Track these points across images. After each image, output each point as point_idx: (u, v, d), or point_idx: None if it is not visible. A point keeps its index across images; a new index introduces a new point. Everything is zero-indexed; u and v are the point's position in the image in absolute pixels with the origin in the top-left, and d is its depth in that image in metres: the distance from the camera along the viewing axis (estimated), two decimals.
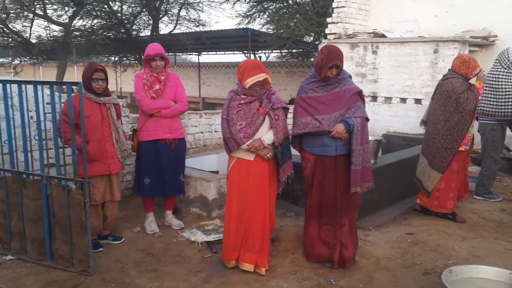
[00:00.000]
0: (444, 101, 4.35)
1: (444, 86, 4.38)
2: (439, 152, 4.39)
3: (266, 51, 20.87)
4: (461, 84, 4.29)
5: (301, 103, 3.38)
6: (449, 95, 4.30)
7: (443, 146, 4.35)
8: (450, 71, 4.51)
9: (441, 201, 4.53)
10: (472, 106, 4.25)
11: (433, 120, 4.47)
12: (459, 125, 4.27)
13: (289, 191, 4.76)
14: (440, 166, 4.40)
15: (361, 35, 7.96)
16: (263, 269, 3.35)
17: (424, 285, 3.16)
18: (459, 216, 4.55)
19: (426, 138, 4.61)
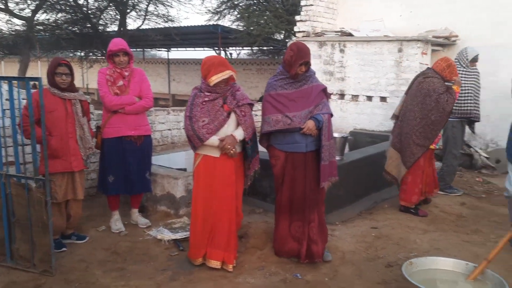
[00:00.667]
0: (423, 99, 4.42)
1: (424, 84, 4.45)
2: (409, 148, 4.50)
3: (236, 48, 20.85)
4: (442, 85, 4.41)
5: (271, 100, 3.39)
6: (429, 94, 4.38)
7: (415, 143, 4.45)
8: (431, 70, 4.59)
9: (407, 195, 4.66)
10: (450, 108, 4.37)
11: (409, 117, 4.53)
12: (435, 124, 4.39)
13: (257, 187, 4.79)
14: (407, 161, 4.52)
15: (329, 33, 8.06)
16: (230, 266, 3.36)
17: (387, 277, 3.25)
18: (421, 210, 4.69)
19: (399, 132, 4.67)
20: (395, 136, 4.73)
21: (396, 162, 4.70)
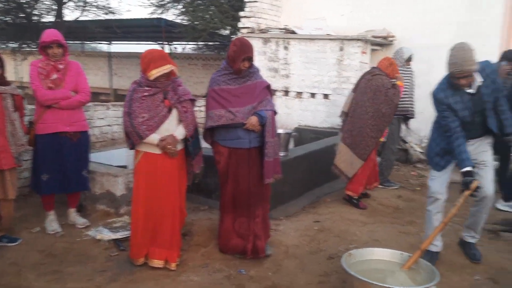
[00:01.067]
0: (373, 94, 4.69)
1: (373, 81, 4.74)
2: (365, 141, 4.71)
3: (181, 43, 20.49)
4: (388, 81, 4.76)
5: (214, 95, 3.35)
6: (378, 89, 4.68)
7: (369, 136, 4.69)
8: (376, 68, 4.90)
9: (355, 185, 4.86)
10: (397, 100, 4.76)
11: (360, 112, 4.75)
12: (386, 116, 4.68)
13: (202, 184, 4.73)
14: (364, 154, 4.74)
15: (273, 30, 8.13)
16: (173, 265, 3.29)
17: (328, 269, 3.34)
18: (362, 202, 4.87)
19: (349, 128, 4.84)
20: (345, 132, 4.90)
21: (345, 157, 4.87)
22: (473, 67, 2.99)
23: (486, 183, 3.27)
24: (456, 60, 2.97)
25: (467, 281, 3.18)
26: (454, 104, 3.17)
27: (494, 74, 3.19)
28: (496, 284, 3.14)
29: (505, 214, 4.69)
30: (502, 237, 3.98)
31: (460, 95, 3.16)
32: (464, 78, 3.03)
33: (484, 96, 3.15)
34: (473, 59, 2.97)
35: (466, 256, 3.52)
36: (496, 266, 3.39)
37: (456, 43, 3.07)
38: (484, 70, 3.16)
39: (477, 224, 3.45)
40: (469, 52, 2.97)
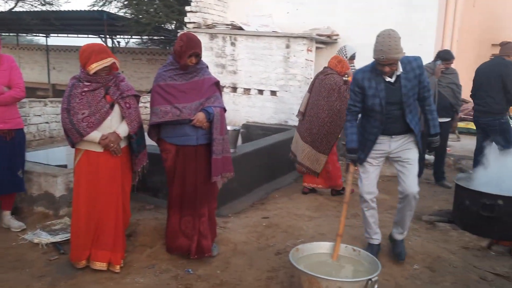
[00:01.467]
0: (328, 93, 4.89)
1: (327, 80, 4.94)
2: (325, 138, 4.91)
3: (125, 37, 19.86)
4: (340, 79, 4.95)
5: (160, 91, 3.25)
6: (332, 88, 4.87)
7: (328, 132, 4.89)
8: (328, 68, 5.08)
9: (333, 180, 5.12)
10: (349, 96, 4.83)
11: (317, 111, 4.95)
12: (341, 112, 4.80)
13: (148, 183, 4.61)
14: (326, 149, 4.94)
15: (220, 26, 8.07)
16: (117, 267, 3.18)
17: (276, 265, 3.36)
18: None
19: (308, 127, 5.03)
20: (305, 131, 5.08)
21: (309, 155, 5.04)
22: (398, 55, 2.99)
23: (409, 181, 3.28)
24: (382, 47, 2.96)
25: (407, 270, 3.33)
26: (368, 89, 3.21)
27: (420, 70, 3.19)
28: (433, 272, 3.32)
29: (440, 206, 4.97)
30: (438, 227, 4.21)
31: (377, 81, 3.17)
32: (388, 66, 3.04)
33: (402, 88, 3.15)
34: (398, 47, 2.97)
35: (392, 254, 3.50)
36: (433, 255, 3.58)
37: (383, 29, 3.06)
38: (411, 63, 3.17)
39: (404, 221, 3.44)
40: (395, 40, 2.97)
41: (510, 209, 3.76)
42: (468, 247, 3.80)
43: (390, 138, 3.32)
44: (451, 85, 5.68)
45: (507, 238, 3.83)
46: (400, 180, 3.36)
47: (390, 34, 2.99)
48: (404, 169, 3.32)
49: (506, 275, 3.31)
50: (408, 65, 3.17)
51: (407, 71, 3.17)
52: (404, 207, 3.36)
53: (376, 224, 3.55)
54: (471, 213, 3.97)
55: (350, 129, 3.36)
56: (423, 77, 3.22)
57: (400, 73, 3.16)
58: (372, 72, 3.21)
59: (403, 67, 3.16)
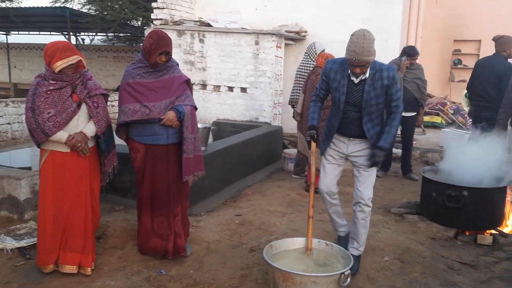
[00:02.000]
0: None
1: (317, 80, 4.94)
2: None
3: (89, 34, 19.34)
4: None
5: (128, 89, 3.17)
6: None
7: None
8: (318, 67, 5.15)
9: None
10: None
11: None
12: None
13: (117, 183, 4.51)
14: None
15: (187, 22, 7.98)
16: (89, 269, 3.10)
17: (250, 262, 3.36)
18: None
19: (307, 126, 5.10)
20: (306, 131, 5.10)
21: (318, 155, 5.03)
22: (370, 58, 2.90)
23: (362, 188, 3.23)
24: (355, 48, 2.86)
25: (378, 262, 3.40)
26: (332, 80, 3.17)
27: (390, 81, 3.04)
28: (403, 263, 3.41)
29: (408, 198, 5.09)
30: (406, 219, 4.32)
31: (342, 76, 3.12)
32: (359, 67, 2.97)
33: (365, 93, 3.06)
34: (371, 50, 2.88)
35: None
36: (403, 246, 3.67)
37: (358, 29, 2.97)
38: (382, 72, 3.04)
39: (358, 234, 3.30)
40: (369, 41, 2.87)
41: (474, 200, 3.90)
42: (436, 238, 3.91)
43: (348, 139, 3.28)
44: (416, 80, 5.82)
45: (472, 227, 3.97)
46: (355, 185, 3.31)
47: (365, 35, 2.89)
48: (360, 175, 3.27)
49: (472, 263, 3.43)
50: (378, 72, 3.05)
51: (375, 78, 3.05)
52: (358, 214, 3.27)
53: (341, 217, 3.54)
54: (438, 204, 4.09)
55: (313, 108, 3.38)
56: (392, 90, 3.08)
57: (365, 78, 3.07)
58: (341, 65, 3.15)
59: (372, 73, 3.05)
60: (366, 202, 3.24)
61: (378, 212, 4.58)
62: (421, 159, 7.05)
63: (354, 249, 3.32)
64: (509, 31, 11.31)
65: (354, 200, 3.32)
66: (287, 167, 6.29)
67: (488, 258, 3.52)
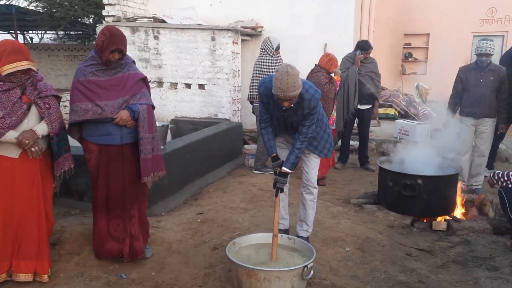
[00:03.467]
0: None
1: (311, 79, 5.04)
2: None
3: (38, 32, 18.50)
4: (325, 77, 5.08)
5: (80, 87, 3.05)
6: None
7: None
8: (317, 66, 5.21)
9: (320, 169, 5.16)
10: (333, 94, 5.09)
11: None
12: (324, 109, 4.84)
13: (72, 186, 4.33)
14: None
15: (141, 19, 7.78)
16: (45, 276, 2.99)
17: (213, 260, 3.33)
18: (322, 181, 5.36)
19: None
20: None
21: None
22: (295, 93, 2.97)
23: (310, 170, 3.49)
24: (280, 85, 2.92)
25: (340, 253, 3.47)
26: (266, 103, 3.29)
27: (310, 110, 3.17)
28: (364, 253, 3.49)
29: (366, 188, 5.23)
30: (365, 209, 4.43)
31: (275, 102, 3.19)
32: (287, 101, 3.03)
33: (288, 118, 3.25)
34: (296, 84, 2.94)
35: None
36: (362, 236, 3.76)
37: (282, 65, 3.00)
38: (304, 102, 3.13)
39: (307, 216, 3.52)
40: (293, 77, 2.91)
41: (428, 188, 4.05)
42: (394, 226, 4.03)
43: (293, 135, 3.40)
44: (371, 74, 5.97)
45: (427, 214, 4.12)
46: (303, 169, 3.55)
47: (288, 71, 2.92)
48: (306, 159, 3.50)
49: (429, 249, 3.57)
50: (301, 102, 3.13)
51: (298, 106, 3.15)
52: (306, 196, 3.51)
53: (286, 210, 3.70)
54: (394, 193, 4.22)
55: (266, 136, 3.40)
56: (311, 117, 3.22)
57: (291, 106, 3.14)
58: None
59: (297, 101, 3.11)
60: (313, 184, 3.49)
61: (338, 203, 4.67)
62: (377, 150, 7.26)
63: (304, 231, 3.55)
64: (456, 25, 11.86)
65: (302, 183, 3.54)
66: (247, 163, 6.28)
67: (443, 243, 3.67)
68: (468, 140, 5.01)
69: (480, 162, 5.04)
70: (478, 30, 11.66)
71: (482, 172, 5.09)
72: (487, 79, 4.82)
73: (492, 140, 5.12)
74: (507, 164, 6.59)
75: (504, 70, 4.91)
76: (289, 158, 3.27)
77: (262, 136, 3.45)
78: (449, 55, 11.84)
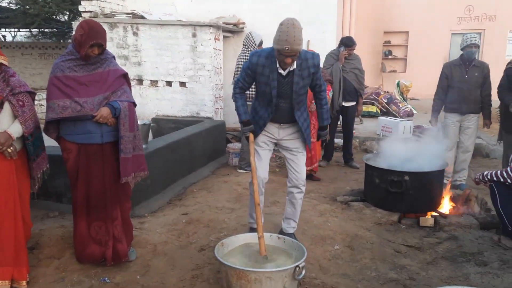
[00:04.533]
0: None
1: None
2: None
3: (11, 30, 17.93)
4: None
5: (57, 83, 2.89)
6: None
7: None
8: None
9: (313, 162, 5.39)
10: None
11: None
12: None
13: (50, 188, 4.16)
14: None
15: (119, 15, 7.59)
16: (24, 282, 2.84)
17: (200, 262, 3.23)
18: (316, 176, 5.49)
19: None
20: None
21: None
22: (301, 46, 2.90)
23: (299, 168, 3.35)
24: (287, 37, 2.82)
25: (329, 251, 3.41)
26: (259, 75, 3.13)
27: (315, 69, 3.12)
28: (353, 250, 3.44)
29: (351, 186, 5.20)
30: (352, 206, 4.39)
31: (270, 70, 3.08)
32: (291, 57, 2.92)
33: (294, 84, 3.09)
34: (301, 38, 2.87)
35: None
36: (351, 233, 3.71)
37: (286, 19, 2.90)
38: (307, 61, 3.08)
39: (296, 213, 3.46)
40: (299, 30, 2.86)
41: (415, 184, 4.04)
42: (381, 223, 4.01)
43: (279, 125, 3.33)
44: (355, 70, 5.95)
45: (414, 211, 4.11)
46: (290, 168, 3.39)
47: (295, 24, 2.87)
48: (295, 157, 3.36)
49: (417, 245, 3.55)
50: (304, 62, 3.08)
51: (302, 68, 3.08)
52: (297, 195, 3.38)
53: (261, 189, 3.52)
54: (381, 190, 4.19)
55: (240, 101, 3.34)
56: (318, 75, 3.19)
57: (293, 69, 3.08)
58: (268, 59, 3.11)
59: (298, 63, 3.06)
60: (304, 182, 3.39)
61: (325, 201, 4.63)
62: (360, 147, 7.26)
63: (291, 228, 3.50)
64: (434, 23, 12.03)
65: (291, 183, 3.39)
66: (231, 161, 6.19)
67: (431, 239, 3.66)
68: (453, 136, 5.04)
69: (465, 157, 5.07)
70: (456, 28, 11.87)
71: (467, 167, 5.13)
72: (472, 75, 4.85)
73: (476, 136, 5.16)
74: (487, 159, 6.68)
75: (488, 66, 4.95)
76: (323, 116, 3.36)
77: (236, 100, 3.34)
78: (428, 52, 12.02)
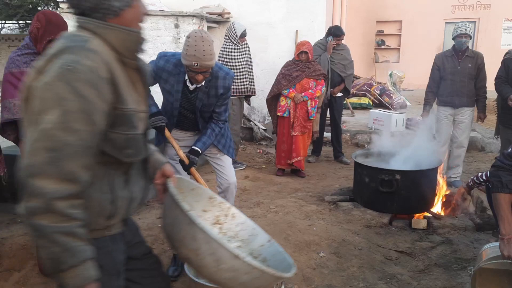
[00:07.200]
0: None
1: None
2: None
3: None
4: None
5: (13, 80, 2.63)
6: None
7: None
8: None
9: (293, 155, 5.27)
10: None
11: None
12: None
13: (18, 190, 3.87)
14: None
15: None
16: None
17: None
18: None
19: None
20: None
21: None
22: (212, 62, 2.60)
23: (227, 171, 3.13)
24: (195, 52, 2.51)
25: (314, 259, 3.15)
26: (164, 82, 2.84)
27: (225, 91, 2.83)
28: (340, 258, 3.18)
29: (341, 183, 4.95)
30: (340, 207, 4.13)
31: (177, 81, 2.80)
32: (201, 74, 2.64)
33: (197, 100, 2.83)
34: (213, 53, 2.57)
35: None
36: (338, 238, 3.45)
37: (193, 30, 2.63)
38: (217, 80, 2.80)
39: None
40: (209, 44, 2.55)
41: (407, 183, 3.78)
42: (371, 225, 3.75)
43: (188, 134, 3.07)
44: (343, 61, 5.67)
45: (406, 211, 3.86)
46: (218, 173, 3.14)
47: (203, 36, 2.56)
48: (220, 162, 3.13)
49: (409, 251, 3.30)
50: (214, 80, 2.79)
51: (210, 85, 2.80)
52: (229, 197, 3.15)
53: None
54: (371, 189, 3.94)
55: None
56: (223, 100, 2.88)
57: (201, 85, 2.77)
58: (176, 67, 2.78)
59: (208, 79, 2.76)
60: (235, 183, 3.18)
61: (312, 201, 4.37)
62: (351, 141, 7.00)
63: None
64: (428, 11, 11.73)
65: (222, 187, 3.13)
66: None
67: (424, 244, 3.41)
68: (445, 131, 4.79)
69: (459, 153, 4.83)
70: (450, 16, 11.60)
71: (461, 163, 4.89)
72: (465, 66, 4.59)
73: (470, 131, 4.92)
74: (483, 153, 6.45)
75: (482, 56, 4.68)
76: (204, 140, 2.86)
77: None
78: (422, 42, 11.75)
